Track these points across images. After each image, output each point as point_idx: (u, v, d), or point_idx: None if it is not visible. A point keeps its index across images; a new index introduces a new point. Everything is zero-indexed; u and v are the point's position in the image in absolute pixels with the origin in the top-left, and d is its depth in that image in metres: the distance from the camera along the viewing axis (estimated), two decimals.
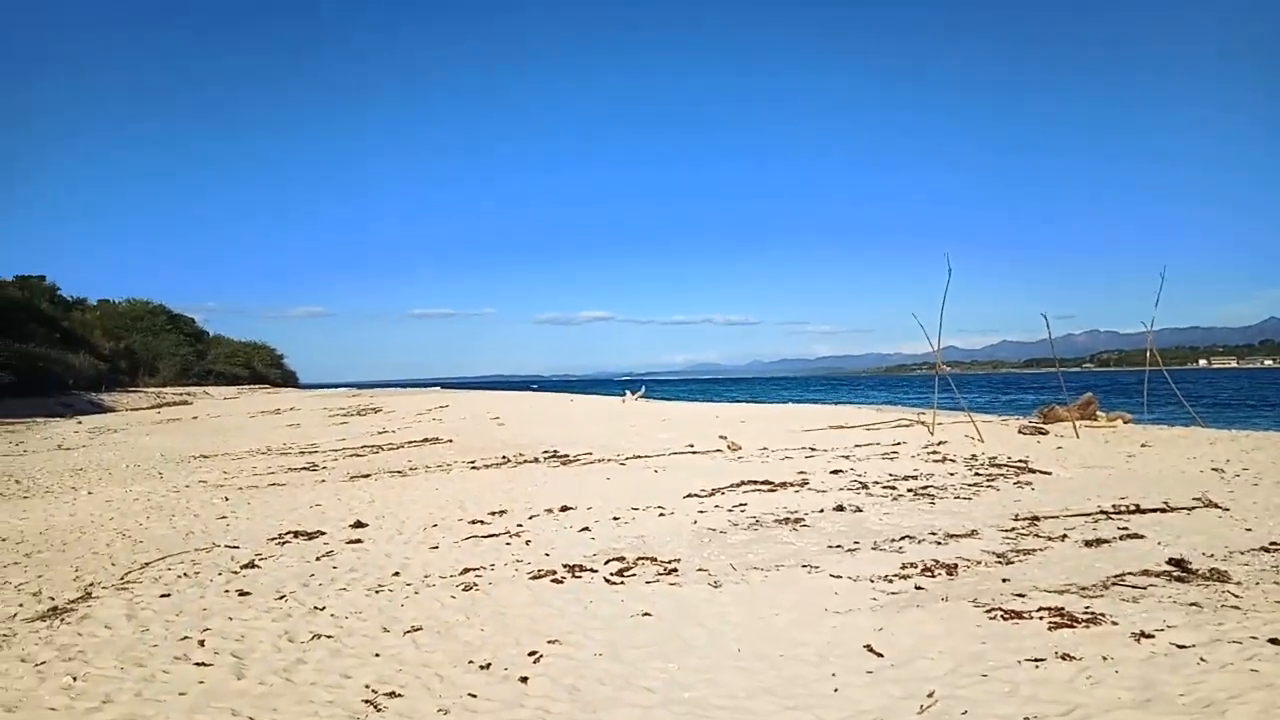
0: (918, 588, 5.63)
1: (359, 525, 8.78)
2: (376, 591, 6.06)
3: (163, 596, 6.11)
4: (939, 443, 14.75)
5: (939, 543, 6.95)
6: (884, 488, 9.91)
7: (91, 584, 6.62)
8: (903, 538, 7.15)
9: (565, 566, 6.51)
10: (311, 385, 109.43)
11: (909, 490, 9.68)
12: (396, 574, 6.56)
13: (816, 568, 6.22)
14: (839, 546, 6.91)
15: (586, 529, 8.04)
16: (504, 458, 14.97)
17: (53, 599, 6.19)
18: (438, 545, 7.63)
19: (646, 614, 5.24)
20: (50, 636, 5.18)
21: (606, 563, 6.61)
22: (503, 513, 9.16)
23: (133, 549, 8.04)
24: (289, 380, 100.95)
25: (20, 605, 6.01)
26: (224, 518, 9.65)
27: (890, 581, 5.80)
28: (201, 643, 4.96)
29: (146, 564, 7.30)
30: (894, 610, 5.15)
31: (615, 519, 8.52)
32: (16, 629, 5.38)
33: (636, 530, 7.95)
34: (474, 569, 6.59)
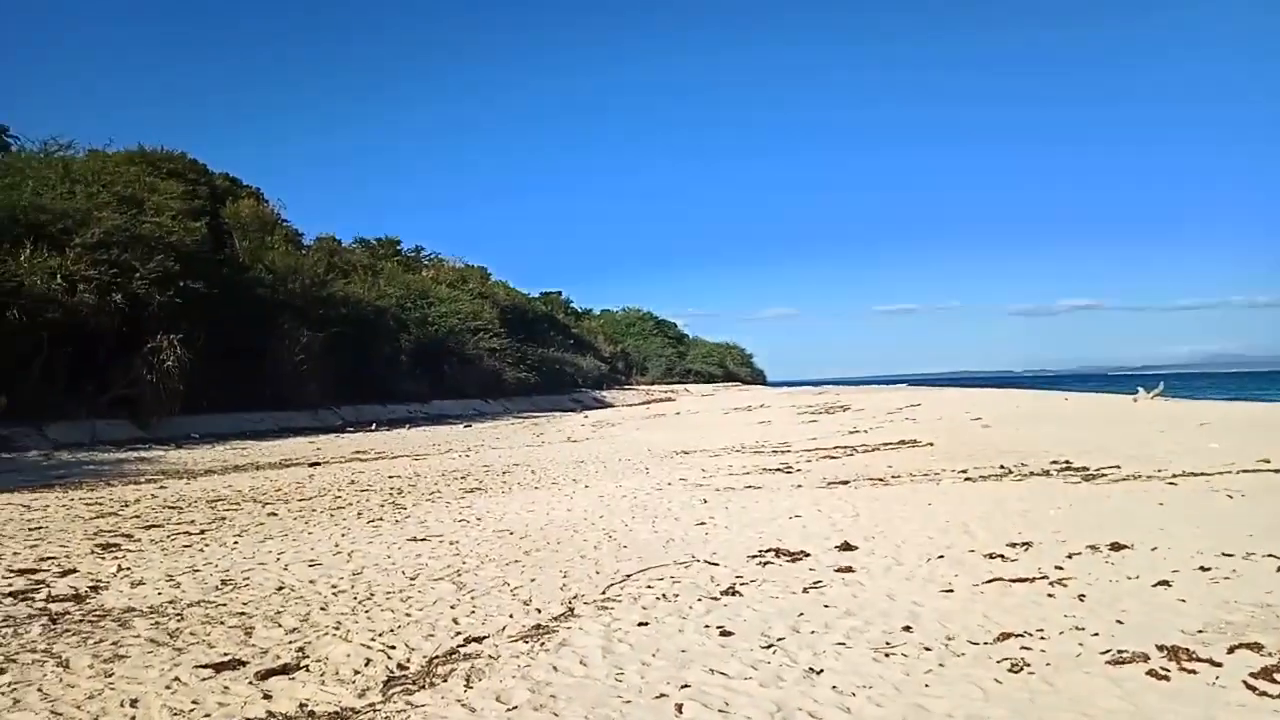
0: None
1: (847, 548, 7.49)
2: (886, 654, 4.63)
3: (640, 625, 5.39)
4: None
5: None
6: None
7: (575, 596, 6.23)
8: None
9: (1161, 649, 4.42)
10: (777, 383, 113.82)
11: None
12: (908, 628, 5.07)
13: None
14: None
15: (1164, 583, 5.73)
16: (1002, 468, 12.69)
17: (539, 611, 5.85)
18: (952, 588, 5.98)
19: None
20: (528, 667, 4.64)
21: (1231, 650, 4.36)
22: (1026, 545, 7.16)
23: (616, 554, 7.71)
24: (758, 378, 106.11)
25: (510, 617, 5.72)
26: (702, 524, 9.08)
27: None
28: (679, 707, 3.98)
29: (628, 576, 6.80)
30: None
31: (1203, 569, 6.04)
32: (501, 650, 4.98)
33: (1249, 591, 5.45)
34: (1014, 634, 4.83)
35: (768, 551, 7.45)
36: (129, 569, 7.46)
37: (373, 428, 30.51)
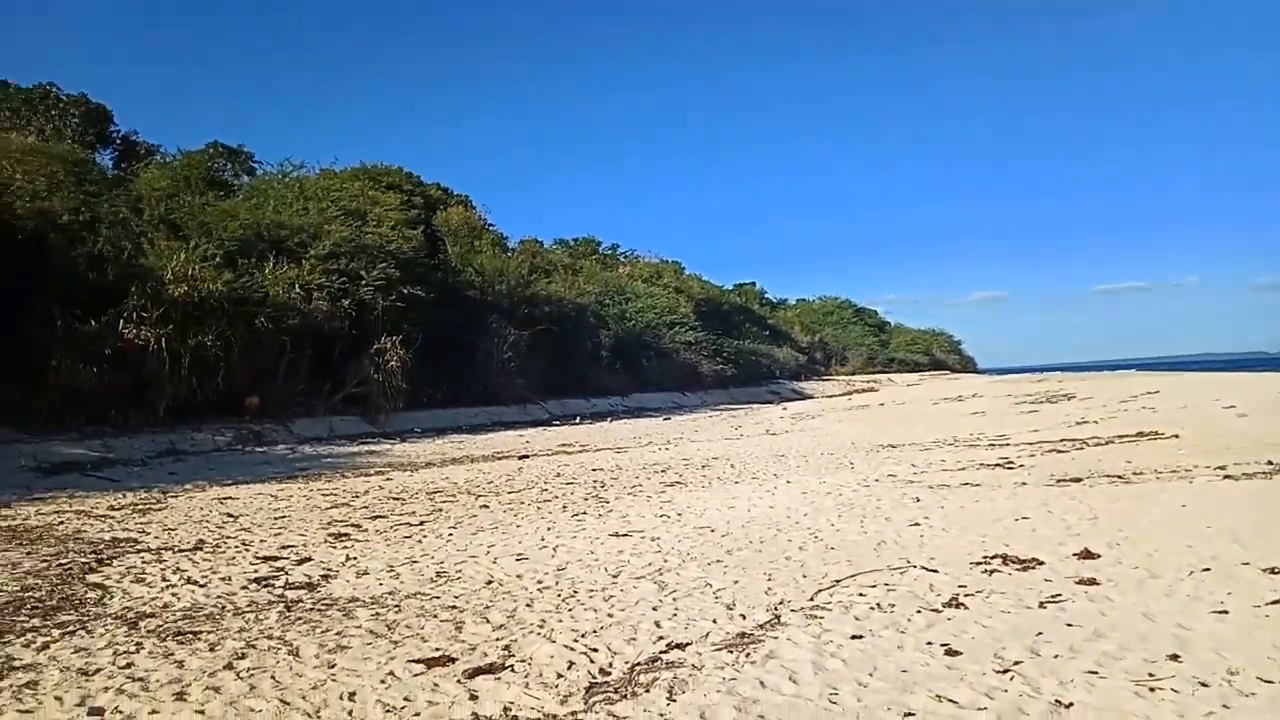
0: None
1: (1087, 555, 6.67)
2: (1150, 688, 3.97)
3: (854, 638, 4.99)
4: None
5: None
6: None
7: (781, 602, 5.90)
8: None
9: None
10: (988, 370, 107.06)
11: None
12: (1175, 657, 4.35)
13: None
14: None
15: None
16: (1270, 464, 11.02)
17: (744, 617, 5.57)
18: (1225, 609, 5.12)
19: None
20: (734, 680, 4.37)
21: None
22: None
23: (823, 556, 7.30)
24: (967, 366, 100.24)
25: (714, 622, 5.49)
26: (916, 524, 8.46)
27: None
28: None
29: (837, 581, 6.39)
30: None
31: None
32: (704, 659, 4.75)
33: None
34: None
35: (993, 558, 6.77)
36: (355, 559, 7.92)
37: (576, 421, 31.50)
